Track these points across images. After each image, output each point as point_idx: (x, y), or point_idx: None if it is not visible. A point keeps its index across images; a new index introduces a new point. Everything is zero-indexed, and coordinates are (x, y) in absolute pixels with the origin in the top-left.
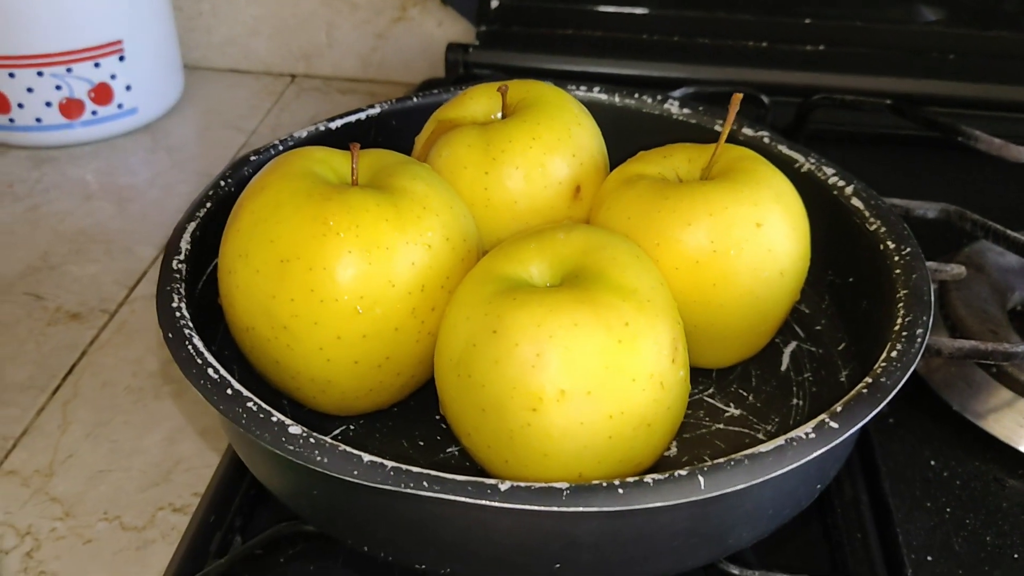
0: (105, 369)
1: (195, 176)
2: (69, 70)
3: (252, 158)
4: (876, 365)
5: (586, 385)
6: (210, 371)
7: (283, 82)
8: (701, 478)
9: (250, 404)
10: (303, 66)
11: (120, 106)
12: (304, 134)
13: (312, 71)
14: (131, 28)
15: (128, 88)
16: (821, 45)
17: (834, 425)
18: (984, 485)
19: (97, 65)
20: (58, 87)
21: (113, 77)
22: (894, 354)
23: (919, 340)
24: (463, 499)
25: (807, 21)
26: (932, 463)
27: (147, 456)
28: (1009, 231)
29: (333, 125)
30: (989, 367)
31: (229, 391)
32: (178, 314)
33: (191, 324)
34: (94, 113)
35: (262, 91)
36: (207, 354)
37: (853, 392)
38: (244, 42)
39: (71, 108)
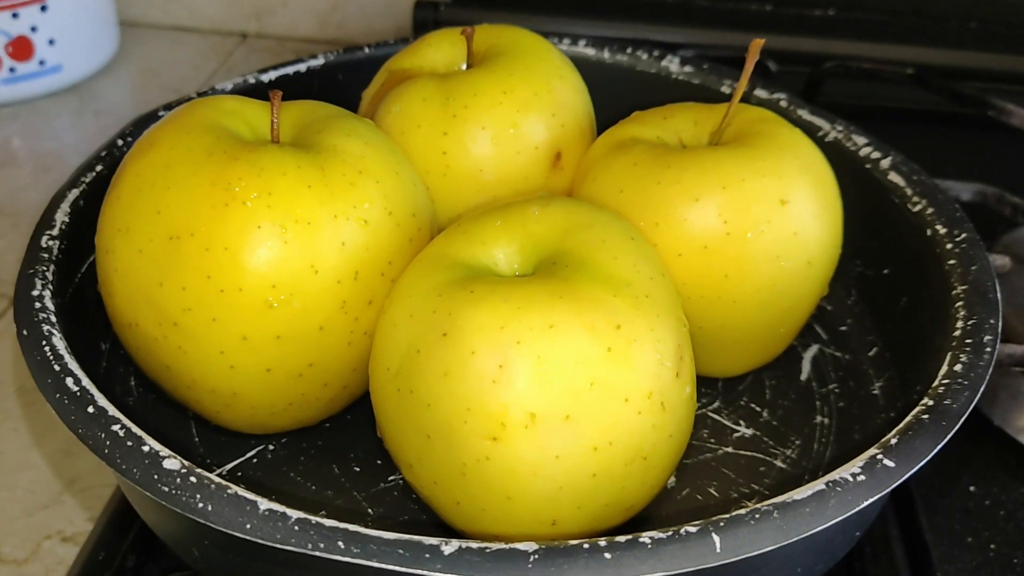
0: None
1: None
2: None
3: (161, 113)
4: (936, 382)
5: (564, 407)
6: (69, 381)
7: (232, 42)
8: (716, 537)
9: (116, 427)
10: (255, 25)
11: (42, 63)
12: (229, 86)
13: (265, 30)
14: None
15: (51, 43)
16: (831, 10)
17: (889, 463)
18: None
19: (15, 16)
20: None
21: (34, 29)
22: (958, 368)
23: (988, 350)
24: (391, 567)
25: None
26: (972, 489)
27: (36, 472)
28: None
29: (266, 77)
30: None
31: (91, 408)
32: (38, 305)
33: (54, 319)
34: (12, 70)
35: (208, 51)
36: (68, 358)
37: (910, 418)
38: None
39: None
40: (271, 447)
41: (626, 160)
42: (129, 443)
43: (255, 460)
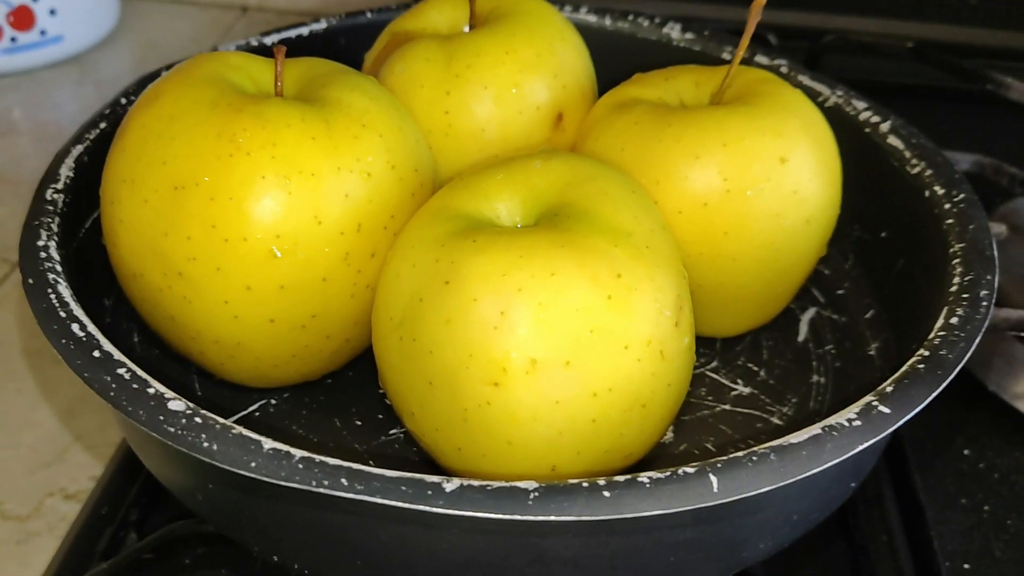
0: (1, 328)
1: None
2: None
3: (164, 72)
4: (932, 335)
5: (564, 353)
6: (75, 327)
7: (233, 14)
8: (713, 478)
9: (122, 371)
10: None
11: (43, 33)
12: (232, 48)
13: (265, 3)
14: None
15: (52, 13)
16: None
17: (885, 410)
18: None
19: None
20: None
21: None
22: (954, 320)
23: (984, 304)
24: (395, 503)
25: None
26: (966, 452)
27: (40, 431)
28: None
29: (268, 40)
30: None
31: (96, 353)
32: (43, 255)
33: (59, 268)
34: (13, 40)
35: (209, 24)
36: (74, 305)
37: (906, 367)
38: None
39: None
40: (273, 401)
41: (628, 119)
42: (135, 386)
43: (257, 414)
